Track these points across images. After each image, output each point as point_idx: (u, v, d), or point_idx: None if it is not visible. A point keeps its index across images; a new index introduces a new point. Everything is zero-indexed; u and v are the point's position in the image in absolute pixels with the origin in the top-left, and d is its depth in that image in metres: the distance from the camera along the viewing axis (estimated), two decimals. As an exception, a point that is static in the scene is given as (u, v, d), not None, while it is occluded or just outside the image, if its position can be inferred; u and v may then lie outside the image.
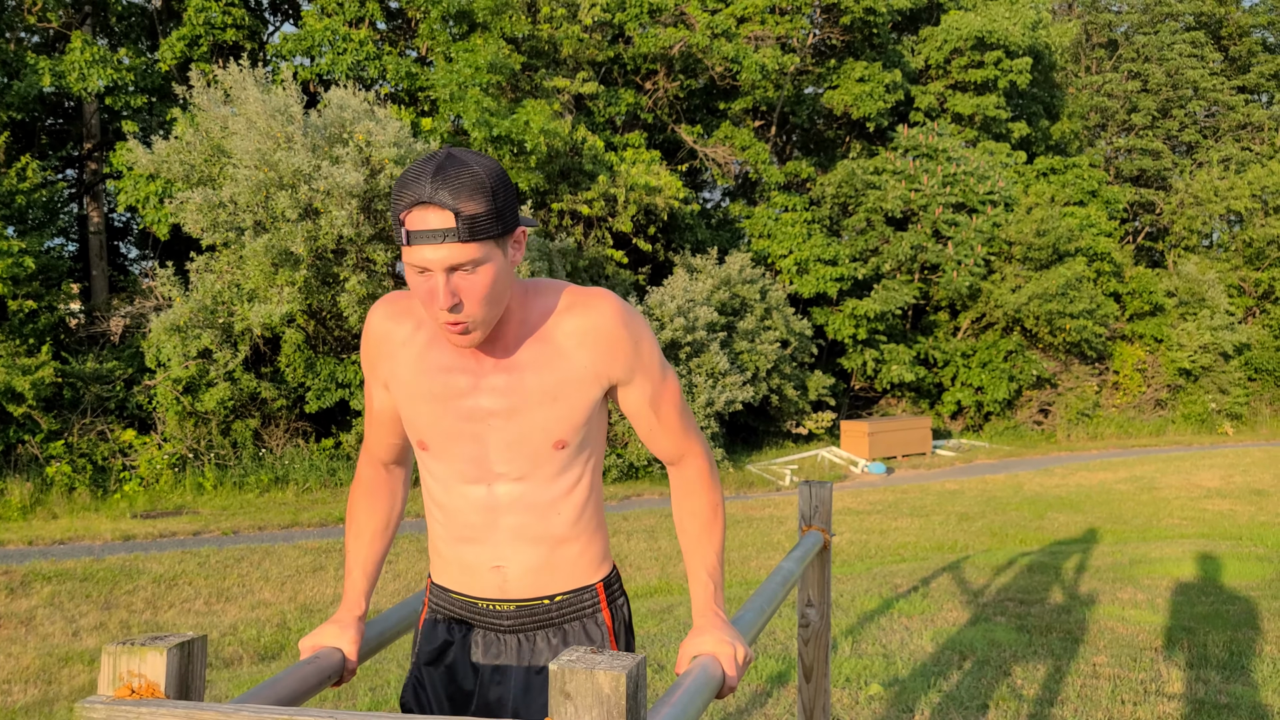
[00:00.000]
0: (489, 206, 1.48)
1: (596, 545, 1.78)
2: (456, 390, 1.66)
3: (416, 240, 1.47)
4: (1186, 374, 23.82)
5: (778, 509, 12.42)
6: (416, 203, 1.46)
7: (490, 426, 1.66)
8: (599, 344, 1.63)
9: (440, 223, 1.46)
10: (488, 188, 1.48)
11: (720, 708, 4.54)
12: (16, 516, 11.18)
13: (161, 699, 1.17)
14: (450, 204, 1.45)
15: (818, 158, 22.99)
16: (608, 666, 1.05)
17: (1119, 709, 4.37)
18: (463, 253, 1.47)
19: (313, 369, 13.70)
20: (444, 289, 1.49)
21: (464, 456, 1.68)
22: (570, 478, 1.70)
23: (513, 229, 1.53)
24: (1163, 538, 9.94)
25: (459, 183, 1.46)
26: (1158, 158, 28.66)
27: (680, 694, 1.41)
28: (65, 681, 5.91)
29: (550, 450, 1.66)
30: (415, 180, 1.47)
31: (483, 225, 1.47)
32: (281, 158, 12.43)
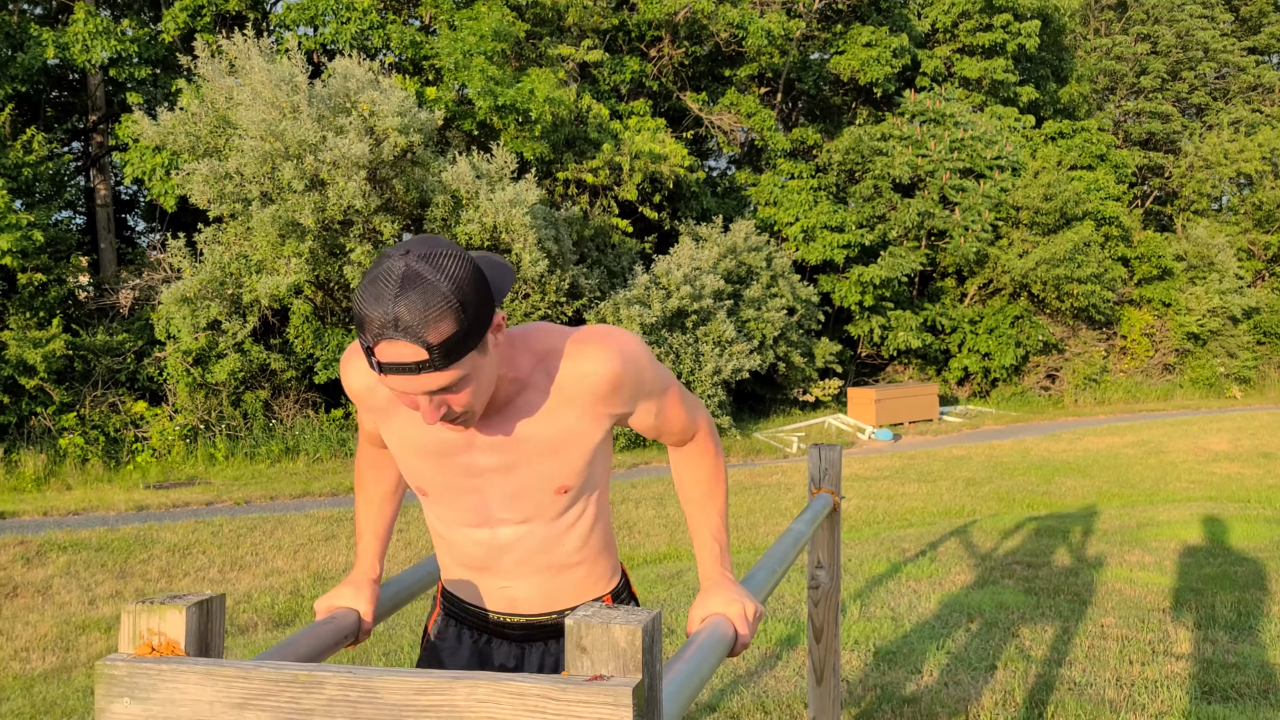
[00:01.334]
0: (460, 326, 1.36)
1: (603, 564, 1.77)
2: (451, 447, 1.61)
3: (389, 371, 1.38)
4: (1195, 338, 23.75)
5: (785, 476, 12.46)
6: (381, 336, 1.35)
7: (489, 480, 1.63)
8: (598, 392, 1.58)
9: (412, 356, 1.36)
10: (455, 304, 1.35)
11: (731, 670, 4.58)
12: (31, 488, 11.26)
13: (182, 656, 1.19)
14: (419, 337, 1.34)
15: (824, 124, 22.85)
16: (623, 621, 1.06)
17: (1127, 669, 4.40)
18: (441, 379, 1.39)
19: (321, 340, 13.73)
20: (428, 408, 1.43)
21: (464, 506, 1.67)
22: (574, 514, 1.69)
23: (489, 326, 1.43)
24: (1170, 501, 9.96)
25: (425, 309, 1.33)
26: (1167, 121, 28.43)
27: (692, 651, 1.43)
28: (83, 649, 5.98)
29: (553, 496, 1.64)
30: (376, 305, 1.34)
31: (457, 348, 1.37)
32: (287, 128, 12.40)
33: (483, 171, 14.02)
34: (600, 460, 1.67)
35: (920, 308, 21.58)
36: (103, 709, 1.15)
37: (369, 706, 1.07)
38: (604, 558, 1.76)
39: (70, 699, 4.84)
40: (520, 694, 1.04)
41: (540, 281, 14.28)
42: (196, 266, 13.07)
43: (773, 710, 4.02)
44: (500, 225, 13.41)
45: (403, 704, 1.07)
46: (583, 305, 15.29)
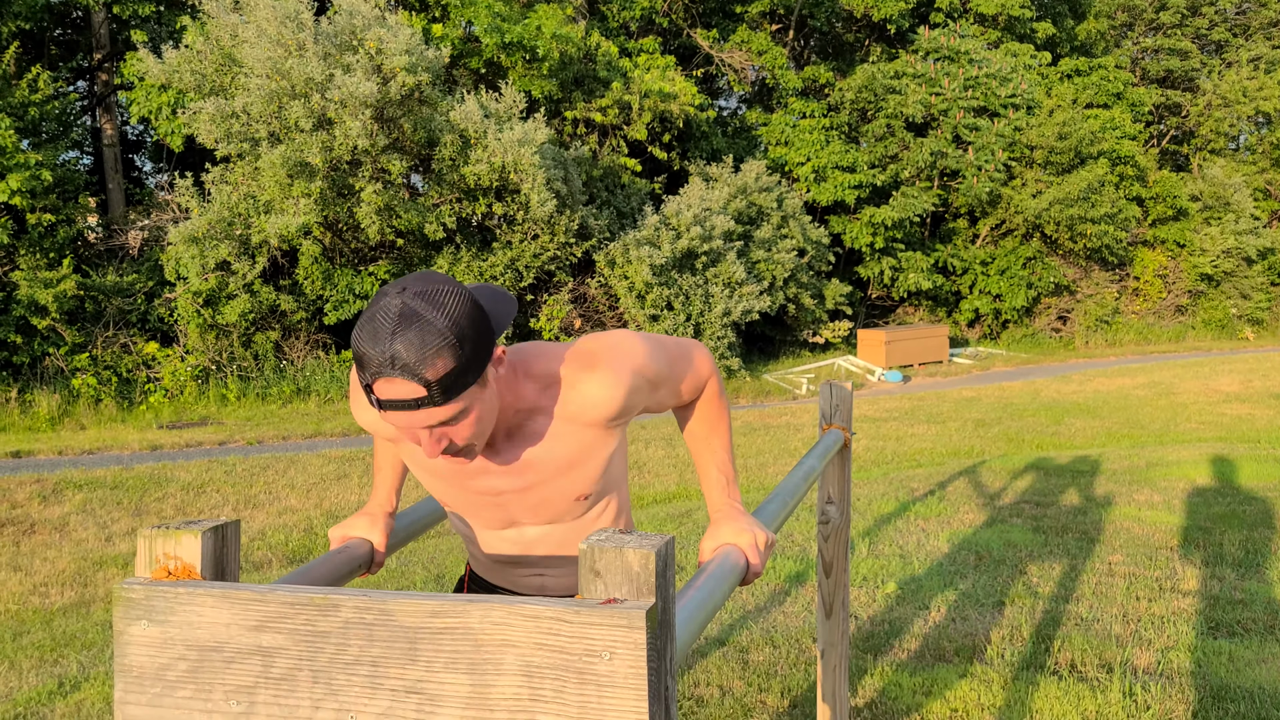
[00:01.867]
0: (458, 362, 1.36)
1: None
2: (467, 471, 1.62)
3: (389, 408, 1.38)
4: (1208, 279, 23.59)
5: (794, 417, 12.49)
6: (380, 374, 1.35)
7: (508, 499, 1.65)
8: (609, 413, 1.57)
9: (410, 393, 1.35)
10: (453, 340, 1.35)
11: (740, 605, 4.63)
12: (45, 427, 11.36)
13: (198, 580, 1.20)
14: (417, 374, 1.34)
15: (836, 62, 22.52)
16: (637, 545, 1.06)
17: (1134, 605, 4.43)
18: (440, 414, 1.39)
19: (330, 281, 13.72)
20: (429, 442, 1.43)
21: (487, 517, 1.70)
22: (597, 511, 1.72)
23: (488, 361, 1.43)
24: (1180, 442, 9.96)
25: (422, 347, 1.33)
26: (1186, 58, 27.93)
27: (704, 579, 1.44)
28: (100, 584, 6.07)
29: (574, 503, 1.67)
30: (374, 343, 1.34)
31: (455, 384, 1.37)
32: (293, 66, 12.27)
33: (491, 110, 13.89)
34: (617, 462, 1.70)
35: (931, 249, 21.44)
36: (121, 631, 1.16)
37: (384, 629, 1.08)
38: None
39: (89, 632, 4.92)
40: (534, 616, 1.04)
41: (549, 222, 14.21)
42: (204, 207, 13.03)
43: (781, 644, 4.07)
44: (508, 165, 13.31)
45: (417, 626, 1.07)
46: (592, 246, 15.23)
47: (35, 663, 4.43)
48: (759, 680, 3.71)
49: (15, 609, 5.70)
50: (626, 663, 1.02)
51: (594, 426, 1.59)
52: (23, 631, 5.05)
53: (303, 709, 1.11)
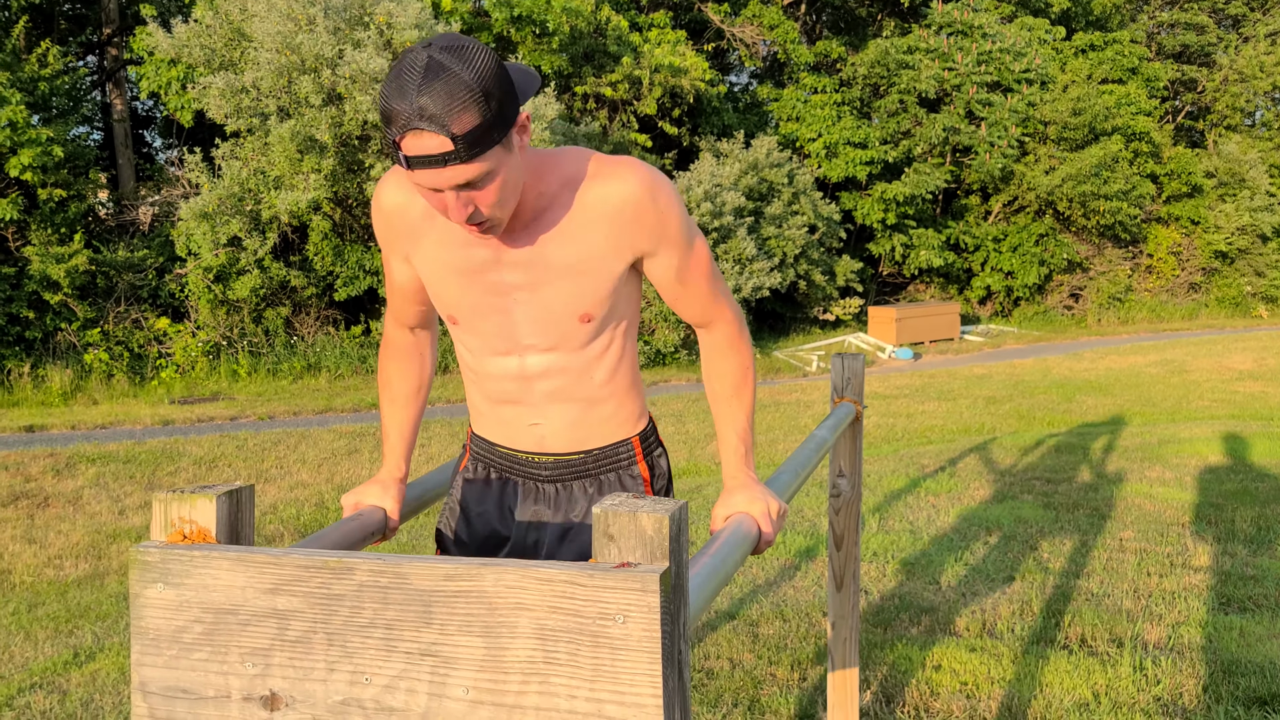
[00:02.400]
0: (484, 116, 1.36)
1: (631, 404, 1.78)
2: (479, 264, 1.62)
3: (416, 165, 1.39)
4: (1222, 256, 23.43)
5: (804, 394, 12.48)
6: (408, 128, 1.35)
7: (515, 300, 1.64)
8: (622, 216, 1.57)
9: (438, 147, 1.36)
10: (479, 95, 1.35)
11: (750, 579, 4.64)
12: (58, 402, 11.42)
13: (213, 543, 1.20)
14: (444, 126, 1.34)
15: (849, 37, 22.36)
16: (650, 509, 1.06)
17: (1144, 581, 4.43)
18: (467, 172, 1.40)
19: (341, 257, 13.73)
20: (455, 205, 1.44)
21: (492, 330, 1.68)
22: (600, 345, 1.69)
23: (514, 122, 1.43)
24: (1192, 419, 9.93)
25: (448, 98, 1.33)
26: (1202, 32, 27.63)
27: (717, 547, 1.44)
28: (114, 557, 6.11)
29: (576, 323, 1.65)
30: (401, 97, 1.34)
31: (483, 139, 1.37)
32: (303, 40, 12.23)
33: (501, 85, 13.82)
34: (625, 295, 1.68)
35: (943, 226, 21.34)
36: (137, 594, 1.17)
37: (398, 591, 1.08)
38: (631, 397, 1.78)
39: (103, 604, 4.96)
40: (548, 580, 1.04)
41: (560, 198, 14.17)
42: (215, 182, 13.03)
43: (791, 618, 4.08)
44: (519, 140, 13.26)
45: (431, 589, 1.08)
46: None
47: (50, 633, 4.47)
48: (769, 653, 3.72)
49: (30, 581, 5.74)
50: (640, 626, 1.02)
51: (605, 229, 1.58)
52: (38, 603, 5.09)
53: (317, 671, 1.12)
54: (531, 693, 1.06)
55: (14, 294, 12.52)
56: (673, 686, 1.04)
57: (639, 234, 1.59)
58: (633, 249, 1.61)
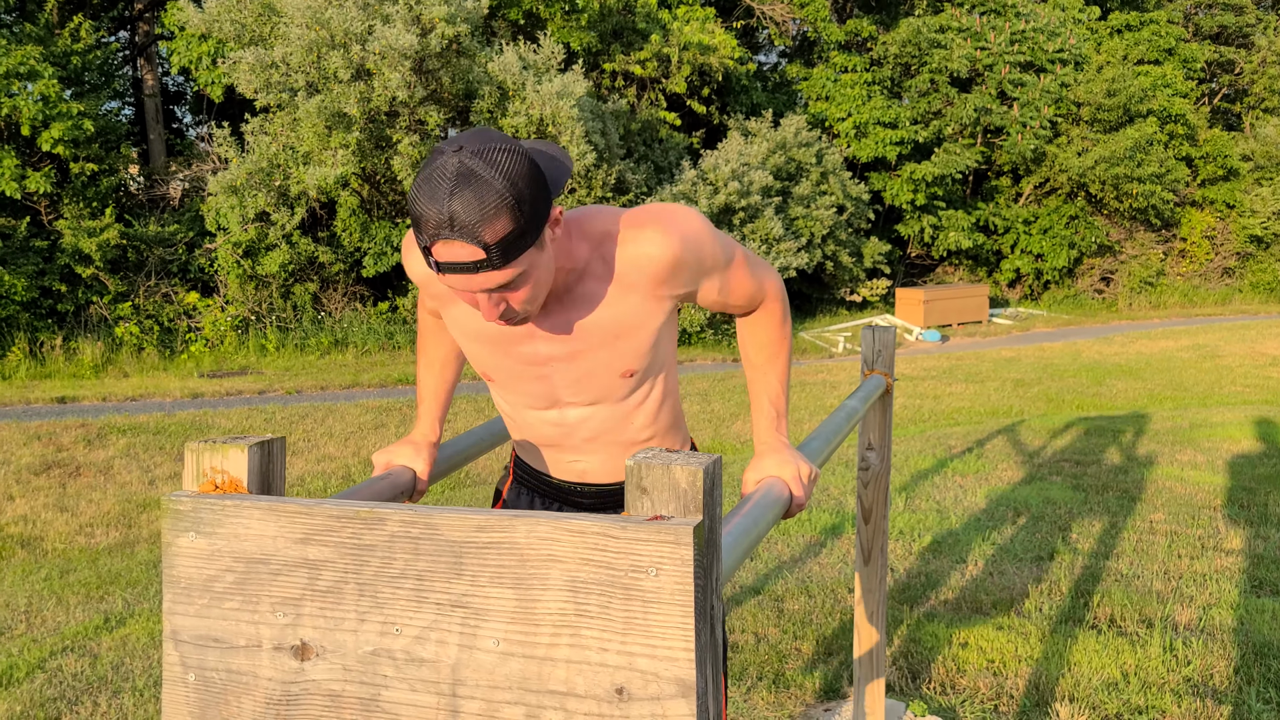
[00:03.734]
0: (517, 223, 1.33)
1: (674, 437, 1.79)
2: (513, 337, 1.60)
3: (448, 271, 1.36)
4: (1258, 241, 23.08)
5: (830, 375, 12.43)
6: (438, 236, 1.32)
7: (553, 368, 1.63)
8: (659, 275, 1.54)
9: (469, 255, 1.33)
10: (511, 201, 1.32)
11: (775, 555, 4.63)
12: (89, 375, 11.54)
13: (245, 494, 1.20)
14: (476, 236, 1.31)
15: (880, 15, 22.13)
16: (684, 462, 1.05)
17: (1175, 562, 4.38)
18: (499, 278, 1.37)
19: (368, 233, 13.77)
20: (487, 305, 1.42)
21: (530, 391, 1.67)
22: (641, 394, 1.69)
23: (545, 222, 1.40)
24: (1224, 404, 9.81)
25: (480, 208, 1.30)
26: (1241, 13, 27.14)
27: (749, 508, 1.42)
28: (144, 525, 6.18)
29: (619, 379, 1.64)
30: (431, 204, 1.31)
31: (514, 245, 1.35)
32: (333, 15, 12.24)
33: (529, 62, 13.80)
34: (665, 341, 1.65)
35: (973, 207, 21.14)
36: (169, 543, 1.17)
37: (429, 542, 1.08)
38: (673, 435, 1.79)
39: (134, 570, 5.02)
40: (580, 532, 1.03)
41: (586, 176, 14.14)
42: (243, 157, 13.08)
43: (816, 594, 4.07)
44: (546, 118, 13.24)
45: (463, 541, 1.07)
46: (629, 200, 15.15)
47: (82, 599, 4.52)
48: (794, 628, 3.71)
49: (62, 548, 5.82)
50: (673, 579, 1.01)
51: (642, 290, 1.55)
52: (70, 569, 5.16)
53: (348, 621, 1.11)
54: (562, 645, 1.05)
55: (46, 267, 12.65)
56: (705, 641, 1.03)
57: (677, 284, 1.57)
58: (672, 298, 1.59)
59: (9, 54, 11.97)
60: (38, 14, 13.76)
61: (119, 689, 3.39)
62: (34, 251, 12.54)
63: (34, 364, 11.62)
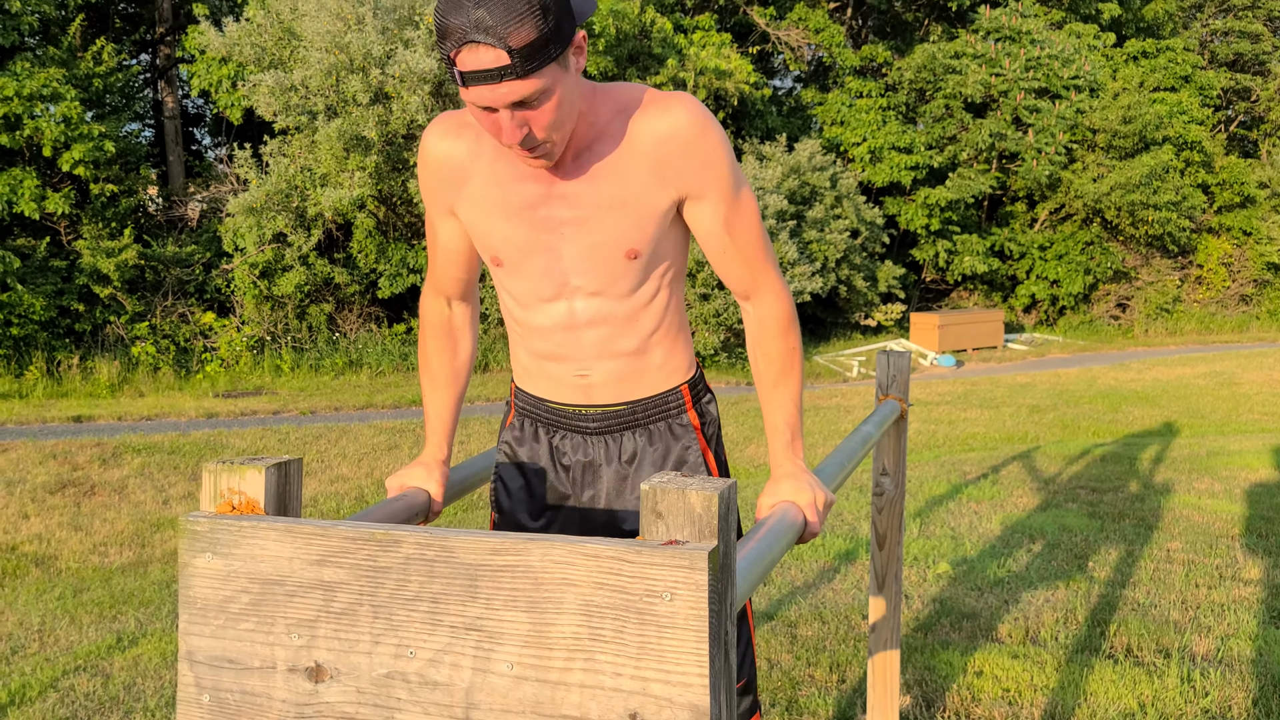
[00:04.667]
0: (542, 30, 1.35)
1: (679, 353, 1.77)
2: (529, 199, 1.60)
3: (472, 81, 1.38)
4: (1275, 268, 22.98)
5: (844, 399, 12.40)
6: (464, 41, 1.34)
7: (563, 236, 1.62)
8: (668, 149, 1.54)
9: (494, 61, 1.35)
10: (536, 8, 1.34)
11: (789, 580, 4.61)
12: (105, 394, 11.60)
13: (261, 514, 1.20)
14: (500, 40, 1.33)
15: (895, 41, 22.21)
16: (699, 487, 1.05)
17: (1193, 592, 4.34)
18: (523, 88, 1.38)
19: (384, 254, 13.84)
20: (510, 125, 1.42)
21: (539, 271, 1.65)
22: (648, 290, 1.67)
23: (571, 40, 1.41)
24: (1242, 432, 9.74)
25: (505, 11, 1.32)
26: (1257, 41, 27.15)
27: (763, 533, 1.42)
28: (158, 545, 6.19)
29: (623, 260, 1.62)
30: (457, 11, 1.34)
31: (540, 53, 1.36)
32: (352, 40, 12.36)
33: (546, 86, 13.88)
34: (671, 237, 1.66)
35: (988, 232, 21.12)
36: (186, 563, 1.17)
37: (444, 565, 1.08)
38: (679, 347, 1.76)
39: (146, 590, 5.02)
40: (595, 555, 1.03)
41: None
42: (262, 178, 13.19)
43: (830, 620, 4.04)
44: (563, 141, 13.30)
45: (478, 563, 1.07)
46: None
47: (95, 618, 4.53)
48: (807, 654, 3.69)
49: (76, 567, 5.84)
50: (688, 604, 1.00)
51: (650, 162, 1.56)
52: (83, 588, 5.17)
53: (363, 643, 1.11)
54: (576, 669, 1.05)
55: (65, 287, 12.75)
56: (719, 666, 1.03)
57: (684, 169, 1.57)
58: (676, 185, 1.59)
59: (32, 76, 12.12)
60: (61, 37, 13.94)
61: (130, 709, 3.39)
62: (53, 271, 12.64)
63: (51, 383, 11.69)
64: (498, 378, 12.97)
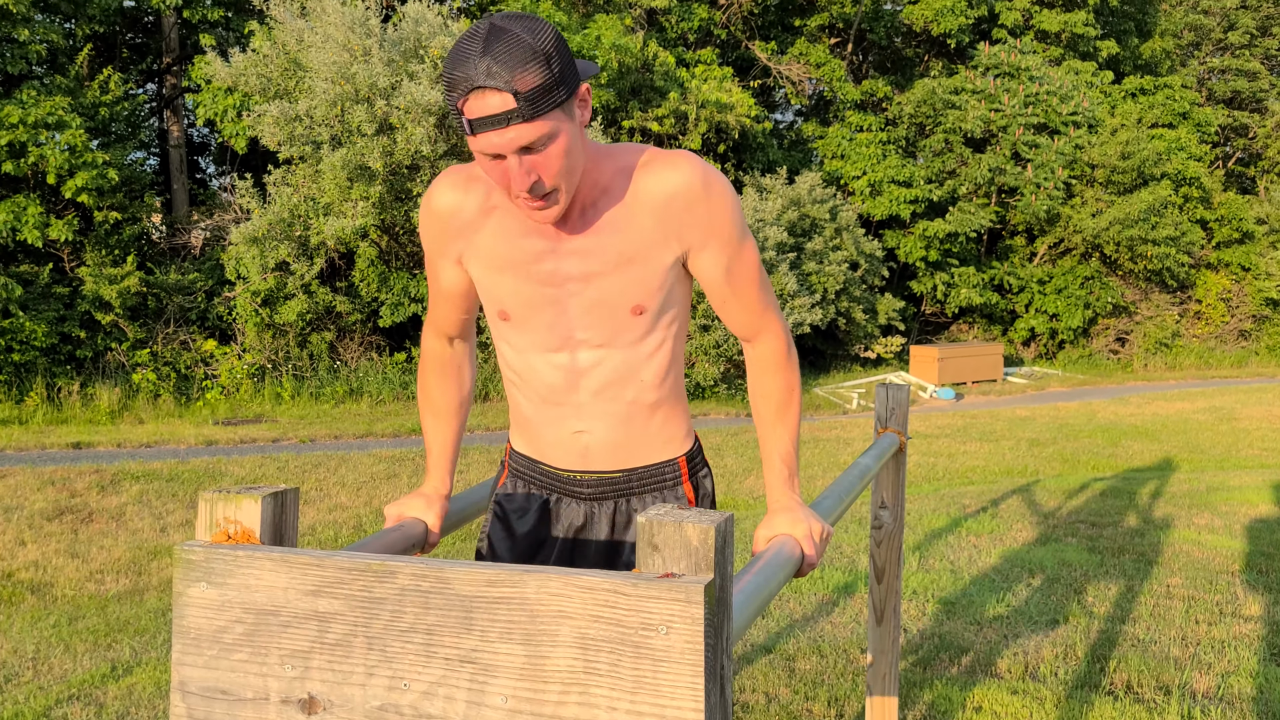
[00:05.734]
0: (547, 76, 1.39)
1: (678, 420, 1.76)
2: (536, 254, 1.62)
3: (480, 128, 1.40)
4: (1273, 304, 23.03)
5: (844, 431, 12.38)
6: (471, 88, 1.38)
7: (569, 291, 1.63)
8: (673, 205, 1.57)
9: (500, 105, 1.38)
10: (541, 55, 1.38)
11: (787, 614, 4.58)
12: (106, 420, 11.59)
13: (257, 544, 1.20)
14: (506, 84, 1.37)
15: (895, 76, 22.38)
16: (696, 520, 1.05)
17: (1193, 628, 4.32)
18: (530, 131, 1.40)
19: (386, 284, 13.87)
20: (518, 171, 1.44)
21: (544, 325, 1.66)
22: (651, 343, 1.67)
23: (576, 89, 1.45)
24: (1242, 467, 9.73)
25: (511, 57, 1.37)
26: (1254, 79, 27.36)
27: (760, 566, 1.42)
28: (154, 573, 6.17)
29: (629, 316, 1.63)
30: (464, 61, 1.38)
31: (545, 98, 1.39)
32: (358, 71, 12.45)
33: (548, 118, 13.97)
34: (676, 293, 1.67)
35: (987, 266, 21.18)
36: (180, 593, 1.17)
37: (440, 596, 1.08)
38: (678, 412, 1.76)
39: (142, 619, 5.00)
40: (591, 588, 1.03)
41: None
42: (265, 208, 13.25)
43: (829, 654, 4.02)
44: (564, 173, 13.37)
45: (473, 595, 1.07)
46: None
47: (90, 646, 4.50)
48: (805, 689, 3.66)
49: (72, 594, 5.81)
50: (683, 637, 1.00)
51: (654, 219, 1.58)
52: (78, 616, 5.14)
53: (356, 675, 1.11)
54: (571, 703, 1.04)
55: (67, 313, 12.77)
56: (714, 701, 1.03)
57: (689, 225, 1.59)
58: (681, 240, 1.60)
59: (39, 104, 12.20)
60: (69, 66, 14.05)
61: (123, 739, 3.36)
62: (55, 298, 12.67)
63: (51, 409, 11.69)
64: (497, 407, 12.96)
